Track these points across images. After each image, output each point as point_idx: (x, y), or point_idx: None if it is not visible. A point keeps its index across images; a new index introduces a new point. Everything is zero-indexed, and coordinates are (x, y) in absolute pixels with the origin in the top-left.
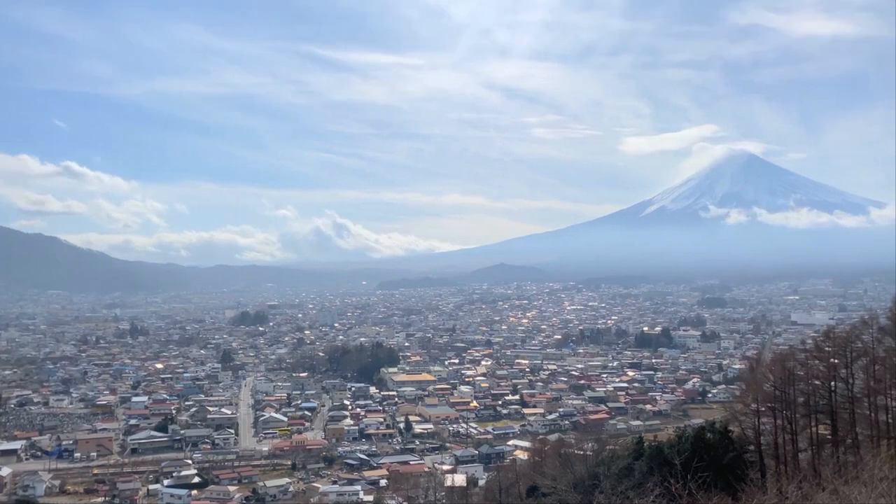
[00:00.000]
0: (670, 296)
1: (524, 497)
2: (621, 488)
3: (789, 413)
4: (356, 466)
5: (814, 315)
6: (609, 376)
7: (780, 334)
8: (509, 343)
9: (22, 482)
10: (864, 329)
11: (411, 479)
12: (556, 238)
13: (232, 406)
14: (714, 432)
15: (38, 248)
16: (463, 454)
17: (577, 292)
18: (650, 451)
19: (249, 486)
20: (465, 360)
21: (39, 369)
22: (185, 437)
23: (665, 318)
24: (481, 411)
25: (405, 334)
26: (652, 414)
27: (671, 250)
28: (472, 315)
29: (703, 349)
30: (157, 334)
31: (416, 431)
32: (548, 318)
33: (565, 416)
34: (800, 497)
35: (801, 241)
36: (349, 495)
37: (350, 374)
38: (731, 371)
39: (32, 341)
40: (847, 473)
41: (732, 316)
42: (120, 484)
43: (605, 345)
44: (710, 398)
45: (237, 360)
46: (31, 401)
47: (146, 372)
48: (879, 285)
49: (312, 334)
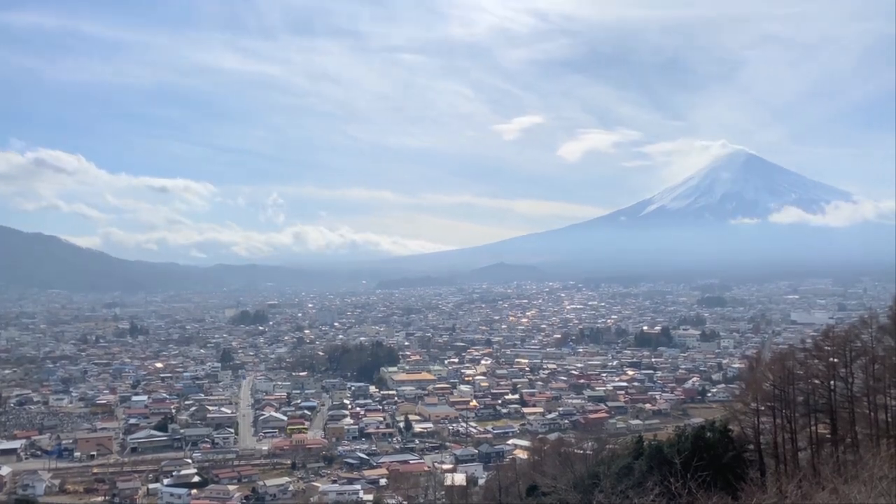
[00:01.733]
0: (670, 295)
1: (524, 496)
2: (621, 487)
3: (789, 412)
4: (356, 466)
5: (813, 314)
6: (609, 375)
7: (779, 333)
8: (509, 342)
9: (22, 481)
10: (864, 328)
11: (411, 479)
12: (555, 237)
13: (232, 405)
14: (714, 431)
15: (38, 247)
16: (463, 453)
17: (577, 291)
18: (650, 450)
19: (249, 486)
20: (464, 360)
21: (39, 368)
22: (185, 437)
23: (665, 317)
24: (481, 410)
25: (405, 333)
26: (651, 413)
27: (671, 249)
28: (471, 314)
29: (703, 348)
30: (157, 333)
31: (415, 431)
32: (547, 318)
33: (565, 416)
34: (799, 496)
35: (801, 240)
36: (349, 494)
37: (350, 374)
38: (731, 370)
39: (32, 340)
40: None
41: (732, 315)
42: (120, 483)
43: (604, 344)
44: (709, 397)
45: (237, 360)
46: (31, 400)
47: (146, 371)
48: (879, 284)
49: (312, 333)
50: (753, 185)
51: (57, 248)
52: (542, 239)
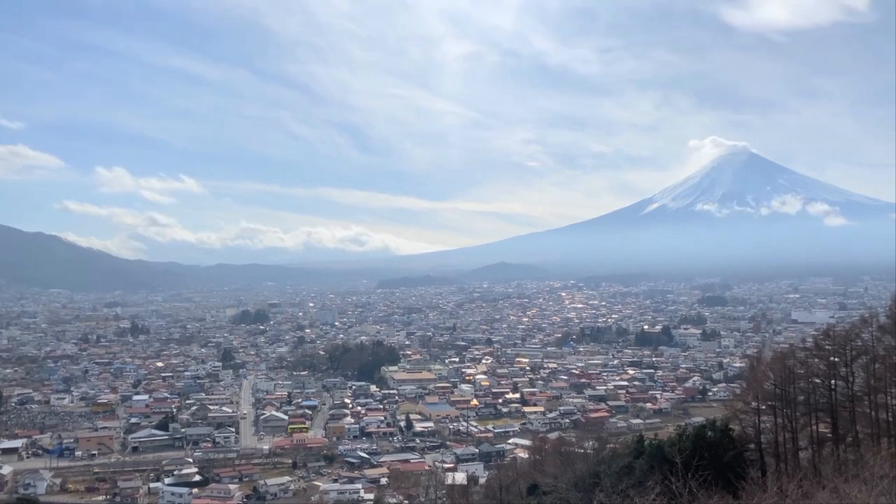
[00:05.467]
0: (671, 294)
1: (525, 495)
2: (622, 486)
3: (790, 411)
4: (357, 465)
5: (814, 313)
6: (609, 375)
7: (780, 332)
8: (510, 341)
9: (23, 480)
10: (865, 327)
11: (412, 478)
12: (556, 236)
13: (233, 404)
14: (714, 431)
15: (39, 247)
16: (463, 452)
17: (578, 291)
18: (651, 449)
19: (250, 485)
20: (465, 359)
21: (40, 368)
22: (186, 436)
23: (665, 316)
24: (482, 409)
25: (406, 333)
26: (652, 412)
27: (671, 249)
28: (472, 313)
29: (704, 347)
30: (158, 333)
31: (416, 430)
32: (548, 317)
33: (566, 415)
34: (800, 495)
35: (802, 240)
36: (350, 493)
37: (350, 373)
38: (732, 369)
39: (33, 340)
40: (847, 471)
41: (733, 314)
42: (121, 482)
43: (605, 343)
44: (710, 396)
45: (238, 359)
46: (32, 399)
47: (147, 370)
48: (880, 283)
49: (313, 333)
50: (754, 184)
51: (58, 248)
52: (543, 238)
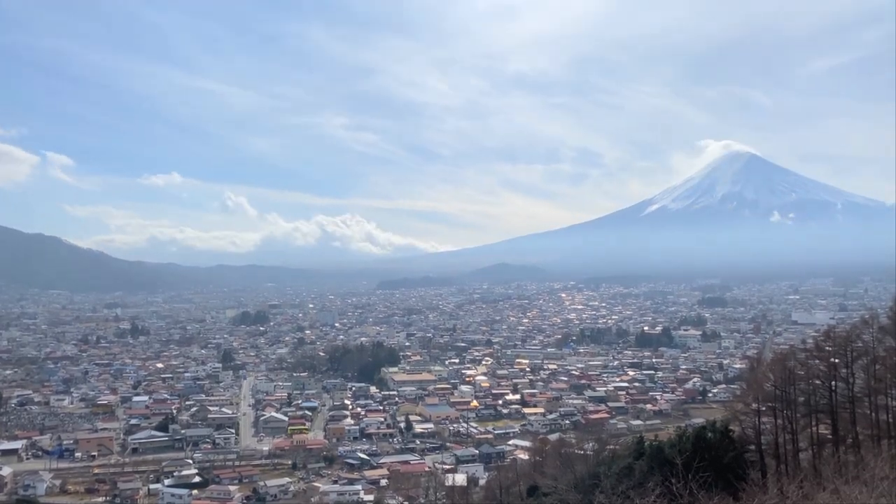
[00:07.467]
0: (671, 295)
1: (525, 497)
2: (622, 488)
3: (790, 412)
4: (356, 466)
5: (814, 314)
6: (609, 376)
7: (780, 334)
8: (510, 343)
9: (23, 482)
10: (865, 328)
11: (412, 479)
12: (556, 238)
13: (232, 406)
14: (715, 432)
15: (39, 248)
16: (463, 454)
17: (578, 292)
18: (651, 450)
19: (250, 486)
20: (465, 360)
21: (40, 369)
22: (186, 437)
23: (665, 317)
24: (482, 411)
25: (405, 334)
26: (652, 413)
27: (671, 250)
28: (472, 315)
29: (704, 349)
30: (158, 334)
31: (416, 431)
32: (548, 318)
33: (566, 416)
34: (800, 497)
35: (802, 240)
36: (349, 495)
37: (350, 374)
38: (732, 370)
39: (33, 341)
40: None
41: (733, 315)
42: (121, 483)
43: (605, 344)
44: (710, 398)
45: (238, 360)
46: (32, 400)
47: (147, 371)
48: (880, 285)
49: (313, 334)
50: (754, 185)
51: (58, 249)
52: (543, 239)
